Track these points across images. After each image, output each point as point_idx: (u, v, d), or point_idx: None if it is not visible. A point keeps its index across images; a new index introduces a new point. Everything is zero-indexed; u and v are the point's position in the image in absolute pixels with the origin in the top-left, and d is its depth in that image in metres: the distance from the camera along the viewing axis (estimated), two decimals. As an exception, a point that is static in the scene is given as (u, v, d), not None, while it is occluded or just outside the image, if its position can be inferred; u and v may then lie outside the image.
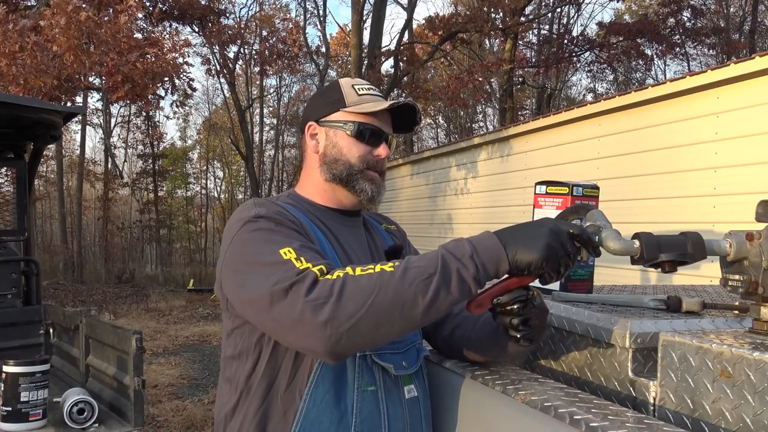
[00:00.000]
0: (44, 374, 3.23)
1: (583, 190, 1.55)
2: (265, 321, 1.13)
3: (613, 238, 1.15)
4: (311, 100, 1.52)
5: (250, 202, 1.31)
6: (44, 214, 26.47)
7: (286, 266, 1.10)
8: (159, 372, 7.04)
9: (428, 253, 1.12)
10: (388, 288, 1.05)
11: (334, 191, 1.42)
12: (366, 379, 1.25)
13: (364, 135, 1.39)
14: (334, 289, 1.05)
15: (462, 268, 1.07)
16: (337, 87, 1.45)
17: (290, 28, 19.63)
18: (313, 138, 1.44)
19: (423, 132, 30.62)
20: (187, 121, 30.84)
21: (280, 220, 1.23)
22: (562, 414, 1.03)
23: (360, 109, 1.40)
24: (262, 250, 1.16)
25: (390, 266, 1.08)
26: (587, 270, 1.60)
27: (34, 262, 4.87)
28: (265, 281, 1.10)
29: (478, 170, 10.01)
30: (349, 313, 1.03)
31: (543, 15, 20.87)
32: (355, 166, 1.39)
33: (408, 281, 1.06)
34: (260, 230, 1.20)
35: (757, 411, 0.97)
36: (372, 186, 1.41)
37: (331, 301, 1.04)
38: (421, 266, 1.07)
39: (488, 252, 1.09)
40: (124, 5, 9.95)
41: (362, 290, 1.05)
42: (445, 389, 1.38)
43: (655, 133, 6.21)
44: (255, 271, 1.14)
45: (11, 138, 4.75)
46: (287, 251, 1.13)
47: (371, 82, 1.64)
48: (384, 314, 1.05)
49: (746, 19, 21.74)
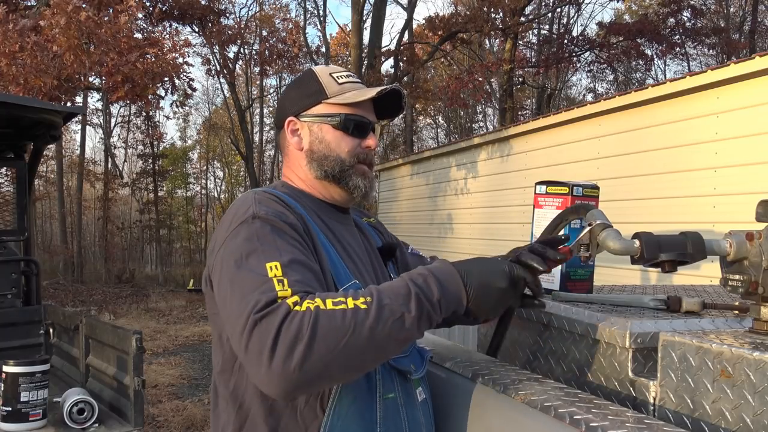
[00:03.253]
0: (44, 374, 3.23)
1: (583, 190, 1.55)
2: (234, 343, 1.06)
3: (613, 238, 1.15)
4: (287, 94, 1.42)
5: (251, 197, 1.23)
6: (44, 214, 26.47)
7: (265, 286, 1.03)
8: (159, 372, 7.04)
9: (397, 284, 1.08)
10: (362, 329, 0.99)
11: (326, 188, 1.36)
12: (387, 386, 1.20)
13: (351, 127, 1.33)
14: (305, 327, 0.96)
15: (431, 311, 1.07)
16: (314, 77, 1.36)
17: (290, 28, 19.65)
18: (294, 134, 1.36)
19: (423, 132, 30.64)
20: (187, 121, 30.88)
21: (277, 225, 1.15)
22: (562, 414, 1.03)
23: (344, 100, 1.32)
24: (249, 261, 1.08)
25: (362, 301, 1.02)
26: (587, 270, 1.59)
27: (34, 262, 4.87)
28: (242, 301, 1.03)
29: (478, 170, 10.01)
30: (320, 356, 0.96)
31: (543, 15, 20.87)
32: (346, 161, 1.33)
33: (382, 321, 1.01)
34: (254, 235, 1.12)
35: (757, 411, 0.97)
36: (365, 181, 1.35)
37: (302, 343, 0.95)
38: (393, 305, 1.03)
39: (451, 301, 1.10)
40: (124, 5, 9.95)
41: (335, 330, 0.97)
42: (445, 389, 1.38)
43: (655, 133, 6.21)
44: (235, 286, 1.07)
45: (11, 138, 4.75)
46: (274, 266, 1.06)
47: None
48: (356, 357, 1.00)
49: (746, 19, 21.74)
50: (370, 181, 1.36)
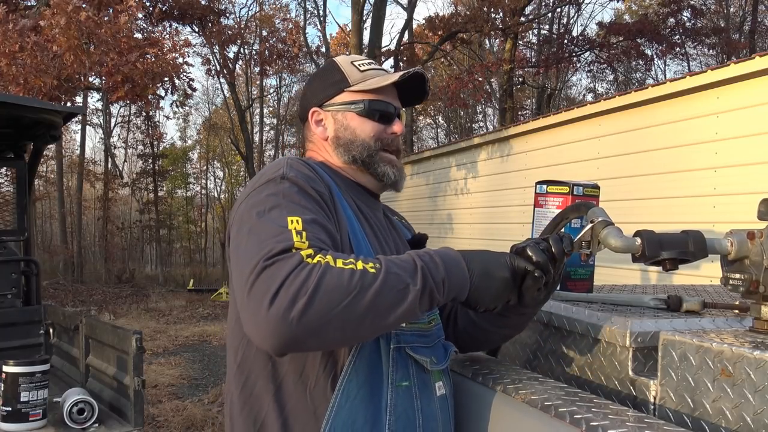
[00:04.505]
0: (44, 374, 3.23)
1: (583, 189, 1.55)
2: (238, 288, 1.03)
3: (614, 236, 1.15)
4: (309, 86, 1.41)
5: (284, 162, 1.21)
6: (44, 214, 26.47)
7: (283, 235, 1.02)
8: (159, 372, 7.04)
9: (405, 257, 1.08)
10: (367, 292, 0.98)
11: (355, 172, 1.33)
12: (400, 374, 1.17)
13: (375, 113, 1.32)
14: (311, 279, 0.96)
15: (434, 290, 1.06)
16: (336, 67, 1.36)
17: (290, 28, 19.65)
18: (318, 124, 1.35)
19: (423, 132, 30.64)
20: (187, 121, 30.88)
21: (304, 188, 1.14)
22: (563, 413, 1.03)
23: (366, 86, 1.31)
24: (271, 213, 1.08)
25: (371, 266, 1.01)
26: (587, 270, 1.59)
27: (34, 262, 4.87)
28: (257, 246, 1.02)
29: (478, 170, 10.01)
30: (320, 312, 0.95)
31: (543, 15, 20.87)
32: (372, 146, 1.31)
33: (387, 288, 1.00)
34: (279, 193, 1.12)
35: (757, 410, 0.97)
36: (393, 169, 1.33)
37: (306, 295, 0.94)
38: (401, 274, 1.03)
39: (454, 284, 1.09)
40: (124, 5, 9.95)
41: (340, 288, 0.97)
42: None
43: (655, 133, 6.21)
44: (254, 234, 1.06)
45: (11, 138, 4.75)
46: (295, 220, 1.06)
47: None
48: (354, 320, 0.99)
49: (746, 19, 21.74)
50: (398, 169, 1.35)
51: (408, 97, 1.38)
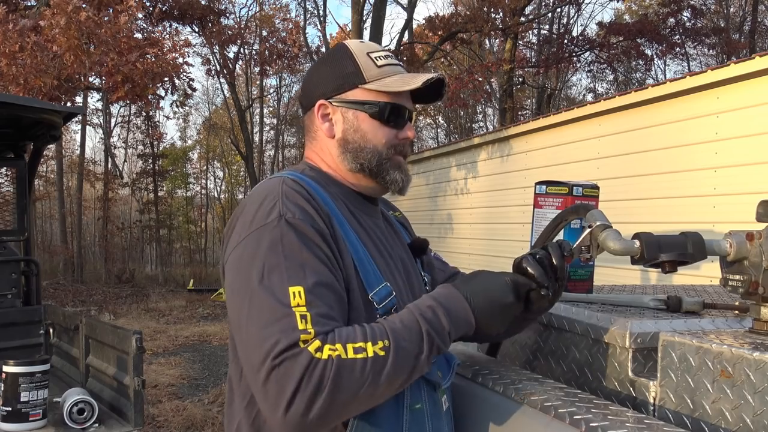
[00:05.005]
0: (44, 374, 3.23)
1: (583, 190, 1.55)
2: (249, 374, 1.04)
3: (613, 239, 1.15)
4: (317, 72, 1.29)
5: (278, 189, 1.13)
6: (44, 214, 26.45)
7: (286, 321, 0.99)
8: (159, 372, 7.04)
9: (408, 321, 1.06)
10: (381, 377, 1.00)
11: (358, 180, 1.26)
12: (414, 397, 1.16)
13: (390, 117, 1.22)
14: (326, 380, 0.96)
15: (441, 344, 1.08)
16: (350, 55, 1.24)
17: (290, 28, 19.63)
18: (325, 119, 1.25)
19: (423, 132, 30.62)
20: (187, 121, 30.89)
21: (304, 232, 1.07)
22: (562, 414, 1.03)
23: (385, 87, 1.21)
24: (272, 277, 1.03)
25: (381, 347, 1.01)
26: (587, 270, 1.60)
27: (34, 262, 4.87)
28: (261, 332, 1.00)
29: (478, 170, 10.01)
30: (339, 406, 0.97)
31: (543, 15, 20.87)
32: (383, 153, 1.23)
33: (399, 366, 1.02)
34: (278, 243, 1.06)
35: (757, 411, 0.97)
36: (402, 175, 1.26)
37: (322, 397, 0.95)
38: (409, 347, 1.03)
39: (461, 328, 1.10)
40: (124, 5, 9.95)
41: (355, 382, 0.98)
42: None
43: (655, 133, 6.21)
44: (254, 305, 1.03)
45: (11, 138, 4.75)
46: (297, 292, 1.01)
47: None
48: (372, 401, 1.03)
49: (746, 19, 21.74)
50: (406, 173, 1.28)
51: (420, 95, 1.28)
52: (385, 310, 1.15)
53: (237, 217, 1.16)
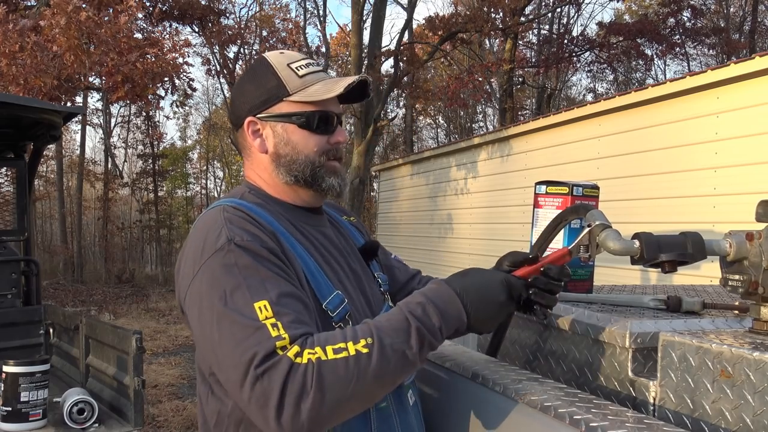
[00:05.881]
0: (44, 374, 3.23)
1: (583, 190, 1.55)
2: (232, 392, 1.04)
3: (613, 239, 1.15)
4: (241, 89, 1.30)
5: (220, 218, 1.14)
6: (44, 214, 26.45)
7: (259, 334, 0.99)
8: (159, 372, 7.04)
9: (395, 318, 1.06)
10: (366, 375, 0.99)
11: (296, 192, 1.28)
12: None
13: (318, 125, 1.24)
14: (309, 382, 0.96)
15: (433, 340, 1.07)
16: (271, 69, 1.25)
17: (290, 28, 19.64)
18: (256, 135, 1.27)
19: (423, 132, 30.63)
20: (187, 121, 30.90)
21: (257, 252, 1.08)
22: (562, 414, 1.03)
23: (308, 97, 1.23)
24: (235, 298, 1.03)
25: (363, 344, 1.00)
26: (587, 270, 1.59)
27: (34, 262, 4.87)
28: (236, 349, 0.99)
29: (478, 170, 10.01)
30: (328, 407, 0.97)
31: (543, 15, 20.87)
32: (316, 161, 1.25)
33: (385, 363, 1.01)
34: (233, 266, 1.06)
35: (757, 411, 0.97)
36: (337, 179, 1.27)
37: (308, 398, 0.95)
38: (394, 343, 1.02)
39: (452, 324, 1.10)
40: (124, 5, 9.95)
41: (340, 381, 0.97)
42: (445, 389, 1.38)
43: (655, 133, 6.21)
44: (224, 329, 1.02)
45: (11, 138, 4.75)
46: (263, 306, 1.01)
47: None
48: (363, 400, 1.03)
49: (746, 19, 21.75)
50: (342, 177, 1.29)
51: (347, 96, 1.26)
52: (339, 317, 1.16)
53: (184, 253, 1.17)
